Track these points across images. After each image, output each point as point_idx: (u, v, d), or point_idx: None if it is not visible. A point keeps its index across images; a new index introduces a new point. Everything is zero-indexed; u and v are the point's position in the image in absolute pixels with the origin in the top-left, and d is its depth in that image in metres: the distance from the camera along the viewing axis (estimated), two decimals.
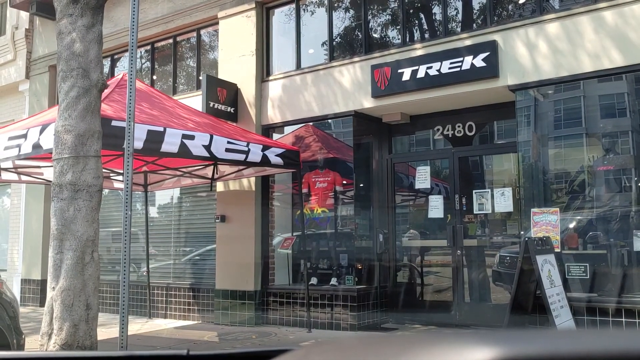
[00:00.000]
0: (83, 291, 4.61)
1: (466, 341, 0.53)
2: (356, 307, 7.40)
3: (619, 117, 6.29)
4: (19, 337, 3.23)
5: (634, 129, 6.17)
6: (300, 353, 0.69)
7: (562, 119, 6.57)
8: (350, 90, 7.64)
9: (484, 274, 7.52)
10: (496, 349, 0.50)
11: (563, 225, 6.25)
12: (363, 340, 0.66)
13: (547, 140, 6.61)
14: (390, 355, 0.54)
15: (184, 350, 1.06)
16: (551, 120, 6.62)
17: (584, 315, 5.92)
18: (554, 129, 6.63)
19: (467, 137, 7.57)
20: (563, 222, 6.26)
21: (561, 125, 6.63)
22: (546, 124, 6.62)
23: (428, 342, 0.56)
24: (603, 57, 5.97)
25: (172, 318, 8.94)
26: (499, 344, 0.50)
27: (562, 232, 6.21)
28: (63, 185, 4.71)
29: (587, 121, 6.45)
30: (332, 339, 0.72)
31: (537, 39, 6.36)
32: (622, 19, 5.91)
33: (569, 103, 6.53)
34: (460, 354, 0.50)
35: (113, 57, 10.78)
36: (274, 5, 8.59)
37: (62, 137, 4.78)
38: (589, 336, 0.54)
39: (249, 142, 6.88)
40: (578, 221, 6.47)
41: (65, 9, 5.09)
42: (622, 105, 6.27)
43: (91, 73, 4.95)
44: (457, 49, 6.80)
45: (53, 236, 4.69)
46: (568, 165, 6.59)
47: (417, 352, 0.53)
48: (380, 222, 8.01)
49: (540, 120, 6.62)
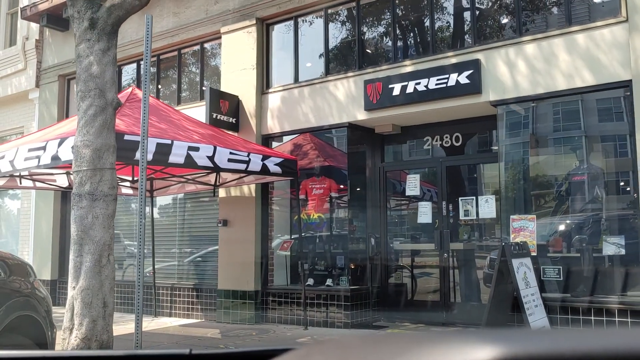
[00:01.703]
0: (100, 290, 5.12)
1: (467, 340, 0.53)
2: (350, 306, 7.91)
3: (591, 132, 6.80)
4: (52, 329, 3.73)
5: (605, 143, 6.68)
6: (301, 352, 0.69)
7: (539, 132, 7.08)
8: (345, 103, 8.15)
9: (469, 276, 8.03)
10: (498, 348, 0.49)
11: (540, 231, 6.76)
12: (364, 340, 0.65)
13: (526, 151, 7.13)
14: (391, 355, 0.54)
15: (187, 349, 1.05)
16: (529, 133, 7.13)
17: (558, 314, 6.43)
18: (532, 141, 7.14)
19: (454, 147, 8.08)
20: (540, 228, 6.77)
21: (538, 138, 7.14)
22: (525, 136, 7.13)
23: (429, 341, 0.55)
24: (575, 77, 6.49)
25: (176, 316, 9.45)
26: (500, 343, 0.50)
27: (539, 237, 6.72)
28: (82, 195, 5.22)
29: (562, 135, 6.96)
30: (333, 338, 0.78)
31: (516, 59, 6.88)
32: (592, 42, 6.42)
33: (545, 118, 7.05)
34: (462, 353, 0.50)
35: (120, 68, 11.29)
36: (273, 22, 9.11)
37: (81, 152, 5.29)
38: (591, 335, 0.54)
39: (249, 152, 7.39)
40: (554, 227, 6.99)
41: (83, 34, 5.59)
42: (594, 121, 6.78)
43: (107, 93, 5.46)
44: (443, 66, 7.32)
45: (73, 241, 5.20)
46: (545, 175, 7.10)
47: (419, 351, 0.53)
48: (373, 227, 8.53)
49: (519, 133, 7.14)
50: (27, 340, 3.18)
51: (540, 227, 6.78)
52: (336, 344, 0.65)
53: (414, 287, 8.59)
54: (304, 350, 0.69)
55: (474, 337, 0.53)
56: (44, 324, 3.36)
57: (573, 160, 6.88)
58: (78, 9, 5.60)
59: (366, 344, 0.62)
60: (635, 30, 6.12)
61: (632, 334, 0.52)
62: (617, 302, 6.22)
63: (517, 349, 0.49)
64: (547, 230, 6.96)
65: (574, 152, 6.85)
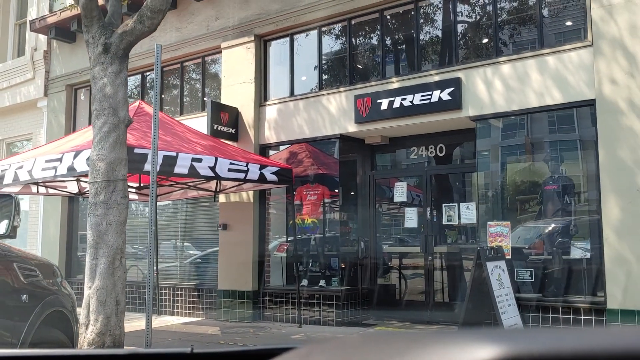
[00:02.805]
0: (113, 290, 5.70)
1: (468, 340, 0.52)
2: (341, 305, 8.50)
3: (560, 145, 7.41)
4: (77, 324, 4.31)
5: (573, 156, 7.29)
6: (302, 352, 0.69)
7: (513, 145, 7.69)
8: (337, 116, 8.75)
9: (452, 277, 8.63)
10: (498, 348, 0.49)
11: (514, 235, 7.36)
12: (365, 339, 0.65)
13: (503, 162, 7.73)
14: (392, 354, 0.54)
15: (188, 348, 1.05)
16: (505, 145, 7.74)
17: (530, 313, 7.02)
18: (508, 153, 7.75)
19: (438, 157, 8.68)
20: (514, 233, 7.38)
21: (513, 150, 7.75)
22: (501, 148, 7.74)
23: (430, 340, 0.55)
24: (546, 95, 7.09)
25: (178, 315, 10.04)
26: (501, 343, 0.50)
27: (513, 241, 7.32)
28: (97, 204, 5.80)
29: (535, 147, 7.57)
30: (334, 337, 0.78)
31: (493, 77, 7.48)
32: (561, 63, 7.03)
33: (519, 132, 7.65)
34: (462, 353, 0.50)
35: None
36: (270, 39, 9.71)
37: (96, 165, 5.88)
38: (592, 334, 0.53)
39: (248, 162, 7.98)
40: (527, 232, 7.60)
41: (97, 58, 6.17)
42: (563, 136, 7.39)
43: (119, 111, 6.04)
44: (427, 83, 7.92)
45: (89, 245, 5.78)
46: (520, 185, 7.71)
47: (419, 350, 0.53)
48: (363, 231, 9.13)
49: (495, 146, 7.74)
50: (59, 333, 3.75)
51: (514, 233, 7.38)
52: (337, 343, 0.64)
53: (401, 288, 9.18)
54: (305, 349, 0.69)
55: (475, 337, 0.53)
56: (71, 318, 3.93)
57: (545, 171, 7.47)
58: (93, 35, 6.18)
59: (367, 344, 0.62)
60: (599, 54, 6.73)
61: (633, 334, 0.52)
62: (583, 301, 6.82)
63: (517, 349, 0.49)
64: (521, 235, 7.57)
65: (546, 163, 7.44)
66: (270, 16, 9.41)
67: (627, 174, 6.42)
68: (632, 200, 6.35)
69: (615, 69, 6.58)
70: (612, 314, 6.41)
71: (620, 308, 6.35)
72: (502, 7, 7.78)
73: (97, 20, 6.15)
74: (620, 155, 6.47)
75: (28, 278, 3.47)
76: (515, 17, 7.79)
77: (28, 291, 3.38)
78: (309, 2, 8.98)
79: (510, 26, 7.82)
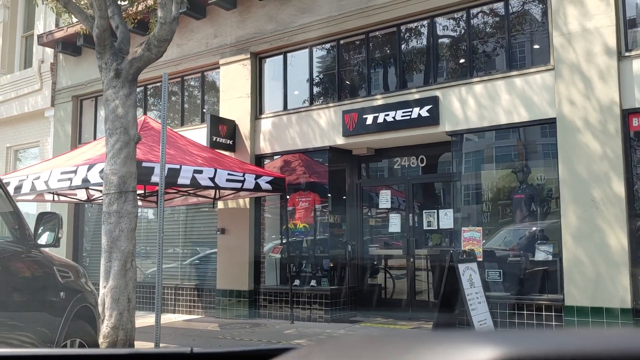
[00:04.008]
0: (125, 289, 6.44)
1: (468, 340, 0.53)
2: (330, 303, 9.26)
3: (527, 158, 8.20)
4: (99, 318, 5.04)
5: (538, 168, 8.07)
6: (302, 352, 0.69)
7: (485, 157, 8.47)
8: (326, 129, 9.51)
9: (432, 277, 9.40)
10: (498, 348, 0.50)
11: (485, 239, 8.13)
12: (364, 340, 0.65)
13: (475, 173, 8.51)
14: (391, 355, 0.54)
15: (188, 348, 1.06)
16: (478, 158, 8.51)
17: (498, 309, 7.79)
18: (480, 165, 8.53)
19: (419, 167, 9.46)
20: (485, 237, 8.15)
21: (485, 162, 8.52)
22: (474, 161, 8.51)
23: (429, 341, 0.55)
24: (514, 113, 7.86)
25: (180, 313, 10.78)
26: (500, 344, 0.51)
27: (484, 245, 8.09)
28: (111, 213, 6.54)
29: (504, 159, 8.35)
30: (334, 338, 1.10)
31: (467, 96, 8.25)
32: (527, 85, 7.80)
33: (490, 145, 8.44)
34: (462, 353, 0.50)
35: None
36: (265, 56, 10.46)
37: (109, 178, 6.61)
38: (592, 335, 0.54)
39: (244, 172, 8.73)
40: (497, 237, 8.38)
41: (110, 82, 6.91)
42: (529, 149, 8.18)
43: (130, 130, 6.78)
44: (408, 101, 8.68)
45: (104, 250, 6.52)
46: (491, 193, 8.48)
47: (419, 351, 0.53)
48: (350, 234, 9.89)
49: (469, 158, 8.51)
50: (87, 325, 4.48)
51: (486, 237, 8.16)
52: (337, 343, 0.64)
53: (385, 287, 9.95)
54: (304, 349, 0.70)
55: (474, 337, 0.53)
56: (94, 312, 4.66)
57: (514, 182, 8.24)
58: (105, 61, 6.92)
59: (366, 344, 0.63)
60: (559, 77, 7.50)
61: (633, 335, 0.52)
62: (545, 299, 7.60)
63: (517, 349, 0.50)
64: (491, 239, 8.34)
65: (515, 174, 8.21)
66: (265, 35, 10.16)
67: (583, 186, 7.19)
68: (587, 210, 7.13)
69: (573, 91, 7.35)
70: (569, 310, 7.18)
71: (576, 305, 7.13)
72: (475, 32, 8.55)
73: (109, 48, 6.88)
74: (577, 169, 7.25)
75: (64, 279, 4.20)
76: (487, 42, 8.56)
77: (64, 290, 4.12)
78: (301, 23, 9.73)
79: (482, 50, 8.60)
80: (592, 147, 7.17)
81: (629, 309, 6.84)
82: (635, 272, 6.92)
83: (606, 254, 6.97)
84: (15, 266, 3.66)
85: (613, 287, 6.92)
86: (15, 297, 3.54)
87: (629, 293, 6.84)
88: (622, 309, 6.86)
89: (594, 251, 7.04)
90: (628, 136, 7.11)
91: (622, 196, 6.95)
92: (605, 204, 7.02)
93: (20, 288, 3.63)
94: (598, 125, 7.15)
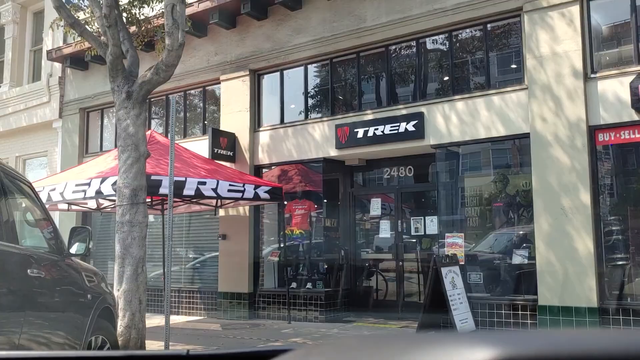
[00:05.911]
0: (137, 292, 7.11)
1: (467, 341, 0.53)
2: (324, 305, 9.92)
3: (505, 168, 8.89)
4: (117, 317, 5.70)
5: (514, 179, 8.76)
6: (301, 353, 0.70)
7: (467, 168, 9.17)
8: (320, 142, 10.19)
9: (419, 280, 10.07)
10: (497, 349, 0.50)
11: (467, 245, 8.81)
12: (364, 341, 0.66)
13: (458, 183, 9.19)
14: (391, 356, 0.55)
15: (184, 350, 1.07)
16: (460, 169, 9.21)
17: (479, 309, 8.46)
18: (462, 175, 9.22)
19: (407, 177, 10.14)
20: (467, 243, 8.83)
21: (467, 173, 9.21)
22: (456, 171, 9.20)
23: (429, 342, 0.56)
24: (492, 128, 8.55)
25: (183, 314, 11.43)
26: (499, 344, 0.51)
27: (466, 249, 8.77)
28: (124, 223, 7.20)
29: (484, 171, 9.04)
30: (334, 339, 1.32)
31: (450, 112, 8.94)
32: (504, 102, 8.49)
33: (471, 158, 9.12)
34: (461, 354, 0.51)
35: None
36: (263, 73, 11.14)
37: (122, 191, 7.28)
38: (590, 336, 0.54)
39: (244, 183, 9.40)
40: (478, 242, 9.06)
41: (122, 103, 7.57)
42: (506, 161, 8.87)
43: (140, 147, 7.45)
44: (395, 116, 9.37)
45: (117, 256, 7.18)
46: (472, 202, 9.16)
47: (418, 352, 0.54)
48: (344, 240, 10.56)
49: (452, 170, 9.20)
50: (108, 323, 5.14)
51: (467, 242, 8.84)
52: (335, 345, 0.65)
53: (376, 289, 10.62)
54: (303, 350, 0.70)
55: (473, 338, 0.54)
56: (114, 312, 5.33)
57: (493, 191, 8.93)
58: (117, 84, 7.59)
59: (365, 345, 0.63)
60: (532, 96, 8.19)
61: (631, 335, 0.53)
62: (521, 299, 8.27)
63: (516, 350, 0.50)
64: (473, 244, 9.02)
65: (494, 184, 8.90)
66: (263, 54, 10.84)
67: (553, 196, 7.88)
68: (557, 218, 7.81)
69: (545, 109, 8.04)
70: (542, 309, 7.86)
71: (548, 305, 7.81)
72: (457, 53, 9.25)
73: (121, 72, 7.55)
74: (549, 180, 7.94)
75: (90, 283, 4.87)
76: (468, 63, 9.26)
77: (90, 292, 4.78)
78: (296, 43, 10.42)
79: (463, 70, 9.29)
80: (562, 160, 7.85)
81: (596, 308, 7.52)
82: (600, 274, 7.61)
83: (574, 258, 7.65)
84: (53, 273, 4.32)
85: (581, 288, 7.60)
86: (54, 299, 4.20)
87: (595, 293, 7.52)
88: (589, 307, 7.54)
89: (563, 255, 7.73)
90: (594, 150, 7.80)
91: (588, 205, 7.63)
92: (574, 212, 7.70)
93: (58, 292, 4.29)
94: (567, 140, 7.84)
